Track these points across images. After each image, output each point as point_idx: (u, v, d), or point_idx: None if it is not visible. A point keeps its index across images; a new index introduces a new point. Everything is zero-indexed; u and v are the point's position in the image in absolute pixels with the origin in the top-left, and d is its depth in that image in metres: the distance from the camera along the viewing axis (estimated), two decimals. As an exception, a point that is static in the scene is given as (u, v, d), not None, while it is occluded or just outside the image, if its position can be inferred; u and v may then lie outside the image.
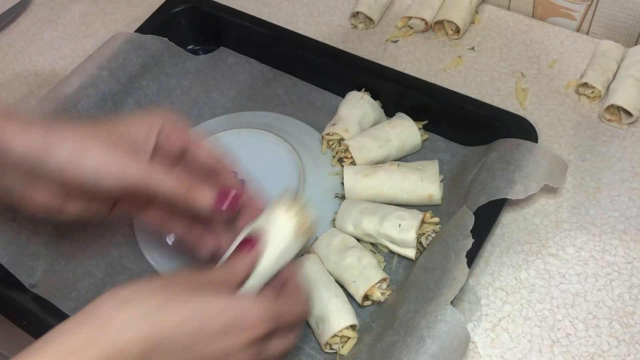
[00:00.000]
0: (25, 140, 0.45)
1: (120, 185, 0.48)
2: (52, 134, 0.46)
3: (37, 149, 0.46)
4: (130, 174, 0.48)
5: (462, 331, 0.55)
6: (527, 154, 0.65)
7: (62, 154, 0.46)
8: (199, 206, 0.50)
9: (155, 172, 0.48)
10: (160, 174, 0.48)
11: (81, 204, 0.52)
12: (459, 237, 0.60)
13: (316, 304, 0.61)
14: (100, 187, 0.47)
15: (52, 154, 0.46)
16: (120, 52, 0.80)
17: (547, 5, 0.84)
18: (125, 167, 0.47)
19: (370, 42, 0.85)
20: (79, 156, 0.46)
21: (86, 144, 0.47)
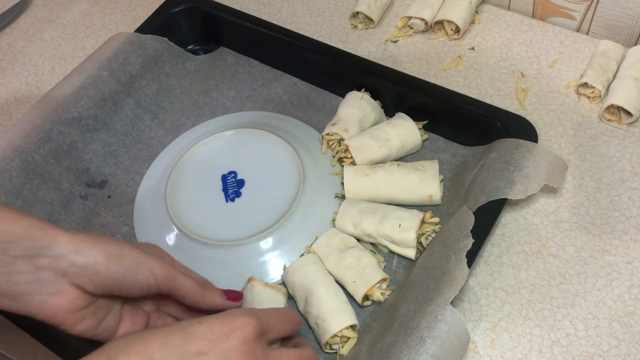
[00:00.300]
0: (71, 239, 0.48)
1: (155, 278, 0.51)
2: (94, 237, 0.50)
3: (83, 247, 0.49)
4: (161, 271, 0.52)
5: (462, 331, 0.55)
6: (527, 154, 0.65)
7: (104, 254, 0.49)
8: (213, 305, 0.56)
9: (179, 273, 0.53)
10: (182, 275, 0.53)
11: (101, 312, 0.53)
12: (459, 237, 0.60)
13: (316, 303, 0.61)
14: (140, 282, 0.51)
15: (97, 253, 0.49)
16: (120, 52, 0.80)
17: (547, 5, 0.84)
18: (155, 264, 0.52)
19: (370, 42, 0.85)
20: (119, 256, 0.50)
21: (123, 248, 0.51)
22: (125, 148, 0.78)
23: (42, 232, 0.48)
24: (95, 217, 0.73)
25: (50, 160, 0.73)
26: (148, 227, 0.71)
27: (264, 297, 0.62)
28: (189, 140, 0.78)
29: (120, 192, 0.75)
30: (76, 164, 0.75)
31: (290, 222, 0.68)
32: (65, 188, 0.73)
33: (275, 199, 0.70)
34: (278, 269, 0.66)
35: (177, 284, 0.53)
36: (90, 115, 0.76)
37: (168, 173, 0.74)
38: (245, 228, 0.68)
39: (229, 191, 0.72)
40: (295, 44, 0.81)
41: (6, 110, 0.86)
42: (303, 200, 0.69)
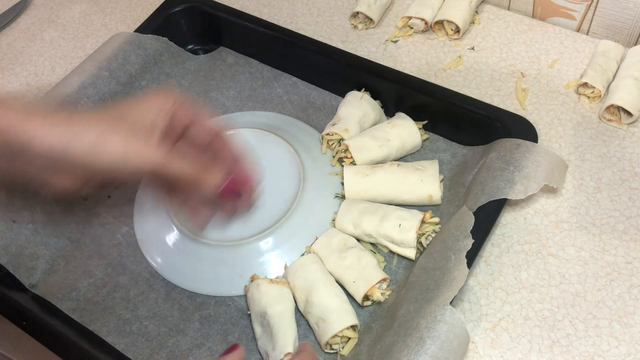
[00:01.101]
0: (49, 136, 0.48)
1: (138, 172, 0.51)
2: (74, 127, 0.49)
3: (61, 143, 0.48)
4: (147, 162, 0.51)
5: (461, 331, 0.55)
6: (527, 154, 0.65)
7: (84, 146, 0.49)
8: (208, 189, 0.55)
9: (171, 158, 0.52)
10: (176, 159, 0.52)
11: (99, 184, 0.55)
12: (459, 237, 0.60)
13: (316, 303, 0.61)
14: (120, 174, 0.51)
15: (74, 147, 0.49)
16: (120, 52, 0.80)
17: (547, 5, 0.84)
18: (142, 155, 0.51)
19: (370, 42, 0.85)
20: (99, 148, 0.49)
21: (106, 136, 0.50)
22: None
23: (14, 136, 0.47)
24: (95, 217, 0.73)
25: (50, 160, 0.73)
26: (148, 227, 0.71)
27: (272, 294, 0.62)
28: (189, 140, 0.78)
29: (120, 192, 0.75)
30: (76, 164, 0.75)
31: (290, 222, 0.68)
32: (65, 188, 0.73)
33: (275, 199, 0.70)
34: (278, 269, 0.66)
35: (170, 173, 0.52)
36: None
37: (168, 173, 0.74)
38: (246, 228, 0.68)
39: (228, 191, 0.72)
40: (295, 43, 0.81)
41: (6, 110, 0.85)
42: (303, 200, 0.69)
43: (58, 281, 0.68)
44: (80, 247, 0.71)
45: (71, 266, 0.69)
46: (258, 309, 0.62)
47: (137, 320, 0.65)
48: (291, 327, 0.60)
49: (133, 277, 0.68)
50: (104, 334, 0.64)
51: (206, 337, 0.63)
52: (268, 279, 0.64)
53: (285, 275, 0.65)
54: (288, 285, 0.64)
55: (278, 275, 0.66)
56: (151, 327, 0.64)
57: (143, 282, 0.68)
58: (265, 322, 0.61)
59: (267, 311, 0.61)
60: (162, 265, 0.69)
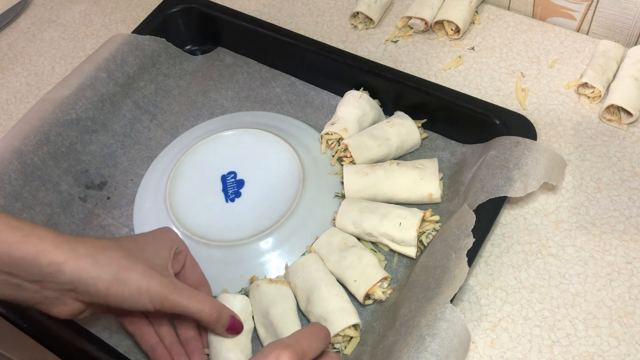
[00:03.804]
0: (75, 266, 0.51)
1: (154, 304, 0.54)
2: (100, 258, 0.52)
3: (86, 270, 0.51)
4: (166, 295, 0.54)
5: (462, 329, 0.55)
6: (526, 151, 0.65)
7: (109, 277, 0.52)
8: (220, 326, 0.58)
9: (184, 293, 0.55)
10: (186, 296, 0.55)
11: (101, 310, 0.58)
12: (459, 236, 0.60)
13: (318, 303, 0.61)
14: (137, 304, 0.54)
15: (99, 277, 0.52)
16: (118, 53, 0.80)
17: (547, 5, 0.84)
18: (162, 288, 0.54)
19: (370, 42, 0.85)
20: (123, 281, 0.52)
21: (127, 272, 0.53)
22: (124, 149, 0.78)
23: (47, 260, 0.50)
24: (94, 219, 0.73)
25: (49, 162, 0.73)
26: (148, 228, 0.71)
27: (273, 294, 0.62)
28: (188, 141, 0.78)
29: (120, 193, 0.75)
30: (75, 166, 0.75)
31: (290, 222, 0.68)
32: (65, 190, 0.73)
33: (275, 199, 0.70)
34: (279, 269, 0.66)
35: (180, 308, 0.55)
36: (88, 117, 0.76)
37: (167, 174, 0.74)
38: (246, 228, 0.68)
39: (229, 191, 0.72)
40: (293, 43, 0.80)
41: (6, 110, 0.85)
42: (303, 200, 0.69)
43: (58, 282, 0.68)
44: (80, 248, 0.71)
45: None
46: (260, 310, 0.62)
47: None
48: (295, 325, 0.60)
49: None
50: (105, 336, 0.64)
51: (206, 337, 0.63)
52: (267, 279, 0.64)
53: (285, 275, 0.65)
54: (288, 284, 0.64)
55: (279, 275, 0.66)
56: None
57: (143, 283, 0.68)
58: (268, 322, 0.61)
59: (269, 311, 0.61)
60: (162, 266, 0.69)
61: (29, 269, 0.50)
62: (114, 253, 0.53)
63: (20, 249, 0.50)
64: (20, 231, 0.50)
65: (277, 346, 0.48)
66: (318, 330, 0.52)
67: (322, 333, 0.52)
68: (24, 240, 0.50)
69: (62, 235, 0.52)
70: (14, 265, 0.50)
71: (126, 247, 0.56)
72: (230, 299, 0.61)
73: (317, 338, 0.51)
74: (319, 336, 0.52)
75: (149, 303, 0.54)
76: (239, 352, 0.59)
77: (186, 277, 0.63)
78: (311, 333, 0.51)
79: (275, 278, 0.64)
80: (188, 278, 0.63)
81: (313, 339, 0.51)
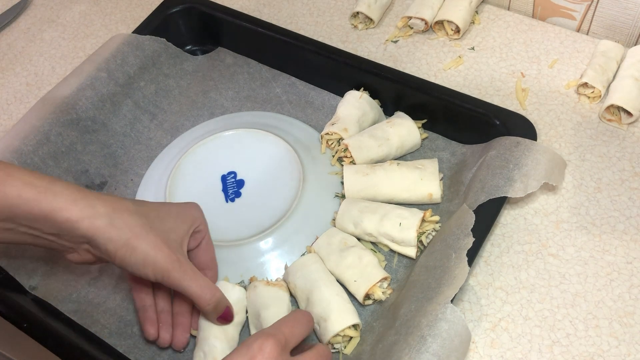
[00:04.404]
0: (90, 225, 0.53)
1: (156, 276, 0.55)
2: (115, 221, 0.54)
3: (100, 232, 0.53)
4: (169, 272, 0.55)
5: (463, 329, 0.55)
6: (526, 151, 0.65)
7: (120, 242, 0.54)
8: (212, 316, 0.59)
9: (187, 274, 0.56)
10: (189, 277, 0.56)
11: None
12: (459, 236, 0.60)
13: (318, 303, 0.61)
14: (141, 272, 0.55)
15: (110, 239, 0.53)
16: (118, 53, 0.80)
17: (547, 5, 0.84)
18: (167, 264, 0.55)
19: (370, 42, 0.85)
20: (129, 250, 0.54)
21: (139, 239, 0.54)
22: (124, 149, 0.78)
23: (63, 217, 0.52)
24: (94, 218, 0.73)
25: (49, 162, 0.73)
26: (148, 228, 0.71)
27: (267, 296, 0.62)
28: (188, 141, 0.78)
29: (120, 193, 0.75)
30: (75, 166, 0.75)
31: (290, 222, 0.68)
32: (65, 189, 0.73)
33: (275, 199, 0.70)
34: (278, 269, 0.66)
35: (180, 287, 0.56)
36: (88, 117, 0.76)
37: (167, 174, 0.74)
38: (246, 228, 0.68)
39: (229, 191, 0.72)
40: (293, 43, 0.80)
41: (6, 110, 0.85)
42: (303, 200, 0.69)
43: (58, 283, 0.68)
44: (80, 248, 0.71)
45: (71, 268, 0.69)
46: (253, 310, 0.62)
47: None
48: None
49: (133, 278, 0.68)
50: (105, 335, 0.64)
51: (206, 337, 0.63)
52: (265, 280, 0.64)
53: (285, 275, 0.65)
54: (285, 288, 0.64)
55: (278, 278, 0.66)
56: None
57: (143, 283, 0.68)
58: (259, 324, 0.61)
59: (260, 313, 0.61)
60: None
61: (46, 224, 0.52)
62: (132, 219, 0.54)
63: (36, 206, 0.52)
64: (36, 188, 0.52)
65: (260, 336, 0.49)
66: (300, 317, 0.54)
67: (304, 319, 0.54)
68: (39, 198, 0.52)
69: (82, 191, 0.54)
70: (32, 220, 0.52)
71: (146, 214, 0.56)
72: (229, 288, 0.62)
73: (299, 324, 0.53)
74: (301, 322, 0.53)
75: (151, 274, 0.55)
76: (224, 342, 0.60)
77: (198, 256, 0.63)
78: (293, 320, 0.53)
79: (273, 281, 0.64)
80: (199, 258, 0.63)
81: (295, 325, 0.52)
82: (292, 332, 0.51)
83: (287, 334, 0.51)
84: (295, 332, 0.52)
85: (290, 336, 0.51)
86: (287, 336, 0.51)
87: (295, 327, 0.52)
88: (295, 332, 0.52)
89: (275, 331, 0.50)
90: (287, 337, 0.50)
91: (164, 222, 0.58)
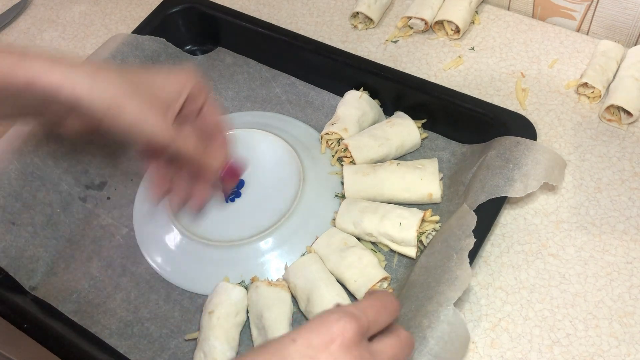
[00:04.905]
0: (73, 86, 0.50)
1: (147, 141, 0.53)
2: (97, 82, 0.51)
3: (83, 96, 0.50)
4: (159, 135, 0.53)
5: (463, 332, 0.55)
6: (526, 151, 0.65)
7: (104, 105, 0.51)
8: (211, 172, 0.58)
9: (180, 136, 0.54)
10: (183, 137, 0.54)
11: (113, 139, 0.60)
12: (460, 236, 0.60)
13: (318, 303, 0.61)
14: (134, 139, 0.53)
15: (95, 104, 0.51)
16: (117, 53, 0.80)
17: (547, 5, 0.84)
18: (154, 128, 0.53)
19: (370, 42, 0.85)
20: (116, 110, 0.51)
21: (124, 99, 0.51)
22: (124, 149, 0.78)
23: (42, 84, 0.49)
24: (94, 219, 0.73)
25: (49, 162, 0.73)
26: (148, 228, 0.71)
27: (270, 297, 0.62)
28: (189, 141, 0.78)
29: (120, 193, 0.75)
30: (75, 166, 0.75)
31: (290, 222, 0.68)
32: (64, 190, 0.73)
33: (275, 199, 0.70)
34: (279, 269, 0.66)
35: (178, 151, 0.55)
36: None
37: (168, 173, 0.74)
38: (246, 228, 0.68)
39: (228, 191, 0.72)
40: (292, 43, 0.80)
41: (5, 111, 0.85)
42: (303, 200, 0.69)
43: (58, 283, 0.68)
44: (80, 249, 0.71)
45: (71, 268, 0.69)
46: (255, 311, 0.62)
47: (138, 322, 0.65)
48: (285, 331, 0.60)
49: (133, 279, 0.68)
50: (105, 336, 0.64)
51: (206, 337, 0.63)
52: (267, 281, 0.64)
53: (285, 275, 0.65)
54: (287, 288, 0.64)
55: (279, 278, 0.66)
56: (153, 329, 0.64)
57: (144, 284, 0.68)
58: (261, 325, 0.61)
59: (263, 314, 0.61)
60: (162, 266, 0.69)
61: (27, 95, 0.50)
62: (116, 81, 0.52)
63: (15, 76, 0.49)
64: (12, 56, 0.49)
65: (343, 316, 0.42)
66: (388, 303, 0.47)
67: (392, 306, 0.47)
68: (15, 68, 0.49)
69: (59, 58, 0.51)
70: (14, 92, 0.49)
71: (130, 79, 0.54)
72: (229, 288, 0.62)
73: (386, 311, 0.46)
74: (389, 309, 0.46)
75: (143, 138, 0.53)
76: (225, 342, 0.60)
77: (201, 124, 0.61)
78: (381, 304, 0.46)
79: (275, 281, 0.64)
80: (203, 124, 0.61)
81: (382, 311, 0.46)
82: (377, 319, 0.45)
83: (371, 320, 0.44)
84: (380, 319, 0.45)
85: (374, 323, 0.44)
86: (371, 322, 0.44)
87: (382, 314, 0.45)
88: (380, 319, 0.45)
89: (360, 314, 0.43)
90: (370, 323, 0.44)
91: (150, 85, 0.55)
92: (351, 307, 0.44)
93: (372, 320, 0.44)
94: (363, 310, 0.44)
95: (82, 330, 0.64)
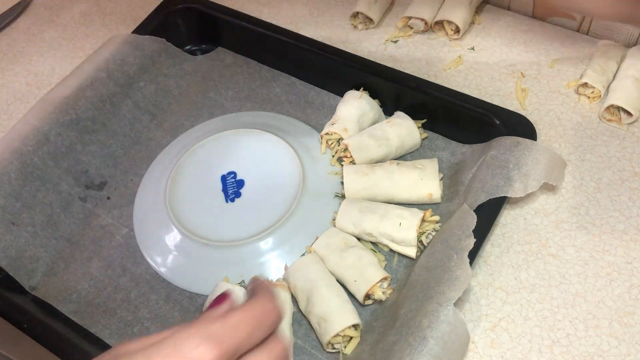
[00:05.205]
0: None
1: None
2: None
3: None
4: None
5: (463, 332, 0.55)
6: (526, 151, 0.65)
7: None
8: None
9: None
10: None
11: None
12: (460, 236, 0.60)
13: (318, 303, 0.61)
14: None
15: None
16: (117, 53, 0.80)
17: (547, 5, 0.84)
18: None
19: (370, 42, 0.85)
20: None
21: None
22: (124, 149, 0.78)
23: None
24: (94, 219, 0.73)
25: (49, 162, 0.73)
26: (148, 228, 0.71)
27: None
28: (188, 141, 0.78)
29: (120, 193, 0.75)
30: (75, 166, 0.75)
31: (290, 222, 0.68)
32: (64, 190, 0.73)
33: (275, 199, 0.70)
34: (278, 269, 0.66)
35: None
36: (88, 117, 0.76)
37: (167, 174, 0.74)
38: (246, 228, 0.68)
39: (228, 191, 0.72)
40: (293, 43, 0.80)
41: (6, 110, 0.85)
42: (303, 200, 0.69)
43: (58, 283, 0.68)
44: (80, 249, 0.71)
45: (71, 268, 0.69)
46: None
47: (138, 322, 0.65)
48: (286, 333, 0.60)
49: (133, 279, 0.68)
50: (105, 336, 0.64)
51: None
52: (267, 281, 0.64)
53: (285, 275, 0.65)
54: (287, 288, 0.64)
55: (279, 278, 0.66)
56: (153, 329, 0.64)
57: (144, 284, 0.68)
58: None
59: None
60: (162, 266, 0.69)
61: None
62: None
63: None
64: None
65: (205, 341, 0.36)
66: (267, 314, 0.40)
67: (270, 318, 0.40)
68: None
69: None
70: None
71: None
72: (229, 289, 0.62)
73: (263, 324, 0.40)
74: (266, 323, 0.40)
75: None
76: None
77: None
78: (258, 318, 0.39)
79: (275, 281, 0.64)
80: None
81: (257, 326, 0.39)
82: (250, 335, 0.38)
83: (242, 338, 0.38)
84: (255, 334, 0.39)
85: (245, 341, 0.38)
86: (243, 341, 0.38)
87: (257, 328, 0.39)
88: (255, 334, 0.39)
89: (227, 336, 0.37)
90: (242, 342, 0.38)
91: None
92: (219, 325, 0.38)
93: (243, 339, 0.38)
94: (234, 327, 0.38)
95: (82, 330, 0.64)
